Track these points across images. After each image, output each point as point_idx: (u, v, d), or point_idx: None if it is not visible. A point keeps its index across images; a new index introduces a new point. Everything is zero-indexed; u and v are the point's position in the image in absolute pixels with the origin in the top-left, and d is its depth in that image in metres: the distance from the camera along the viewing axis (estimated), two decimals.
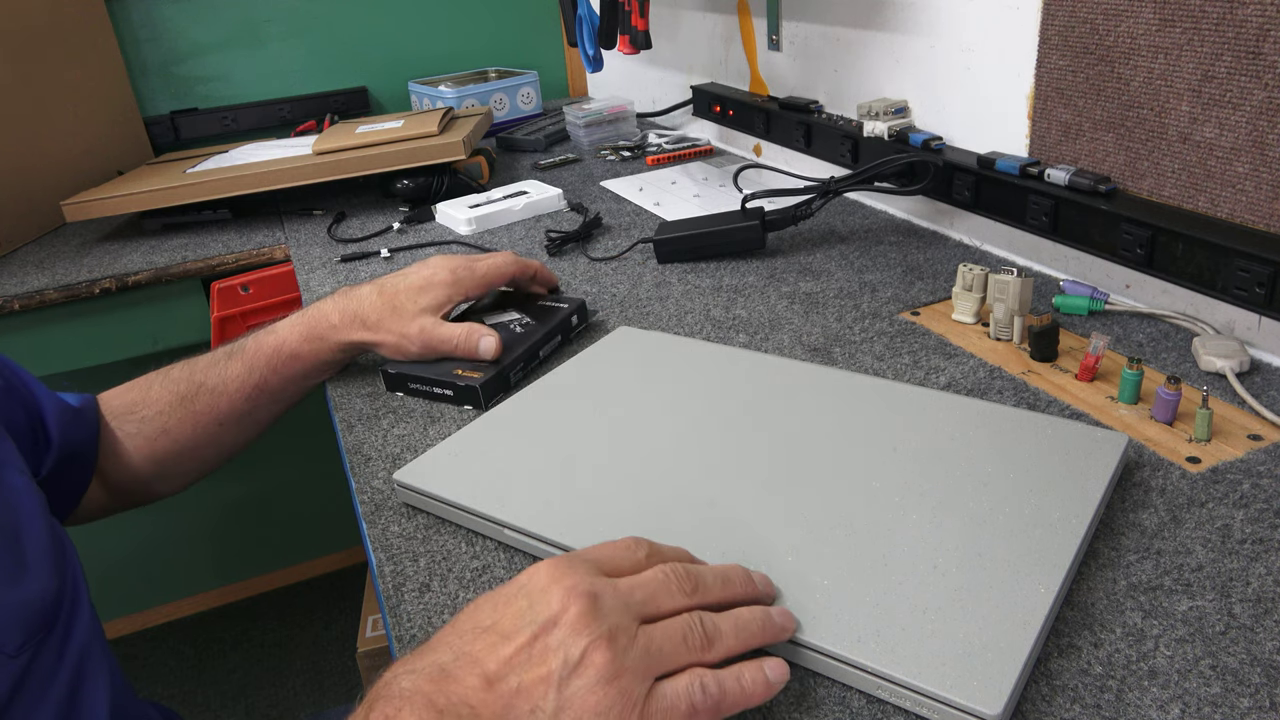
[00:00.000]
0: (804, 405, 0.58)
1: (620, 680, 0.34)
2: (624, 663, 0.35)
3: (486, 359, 0.68)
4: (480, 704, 0.34)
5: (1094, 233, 0.74)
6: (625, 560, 0.40)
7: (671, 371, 0.65)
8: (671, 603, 0.39)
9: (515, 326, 0.73)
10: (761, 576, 0.43)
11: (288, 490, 1.80)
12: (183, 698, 1.65)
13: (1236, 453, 0.54)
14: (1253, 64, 0.62)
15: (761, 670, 0.38)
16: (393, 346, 0.69)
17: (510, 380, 0.68)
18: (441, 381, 0.67)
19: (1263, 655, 0.40)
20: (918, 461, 0.52)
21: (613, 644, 0.35)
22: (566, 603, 0.35)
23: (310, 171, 1.16)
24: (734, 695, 0.37)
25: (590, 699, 0.34)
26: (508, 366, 0.67)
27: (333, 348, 0.70)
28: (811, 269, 0.87)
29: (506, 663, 0.35)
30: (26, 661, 0.46)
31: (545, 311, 0.75)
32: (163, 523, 1.68)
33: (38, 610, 0.47)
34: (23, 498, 0.51)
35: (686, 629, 0.37)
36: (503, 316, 0.75)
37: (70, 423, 0.64)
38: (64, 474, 0.64)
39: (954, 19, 0.87)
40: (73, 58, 1.40)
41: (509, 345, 0.69)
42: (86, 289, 1.12)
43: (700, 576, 0.40)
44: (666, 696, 0.35)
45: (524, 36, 1.81)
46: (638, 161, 1.32)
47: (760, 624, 0.40)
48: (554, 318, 0.74)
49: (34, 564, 0.48)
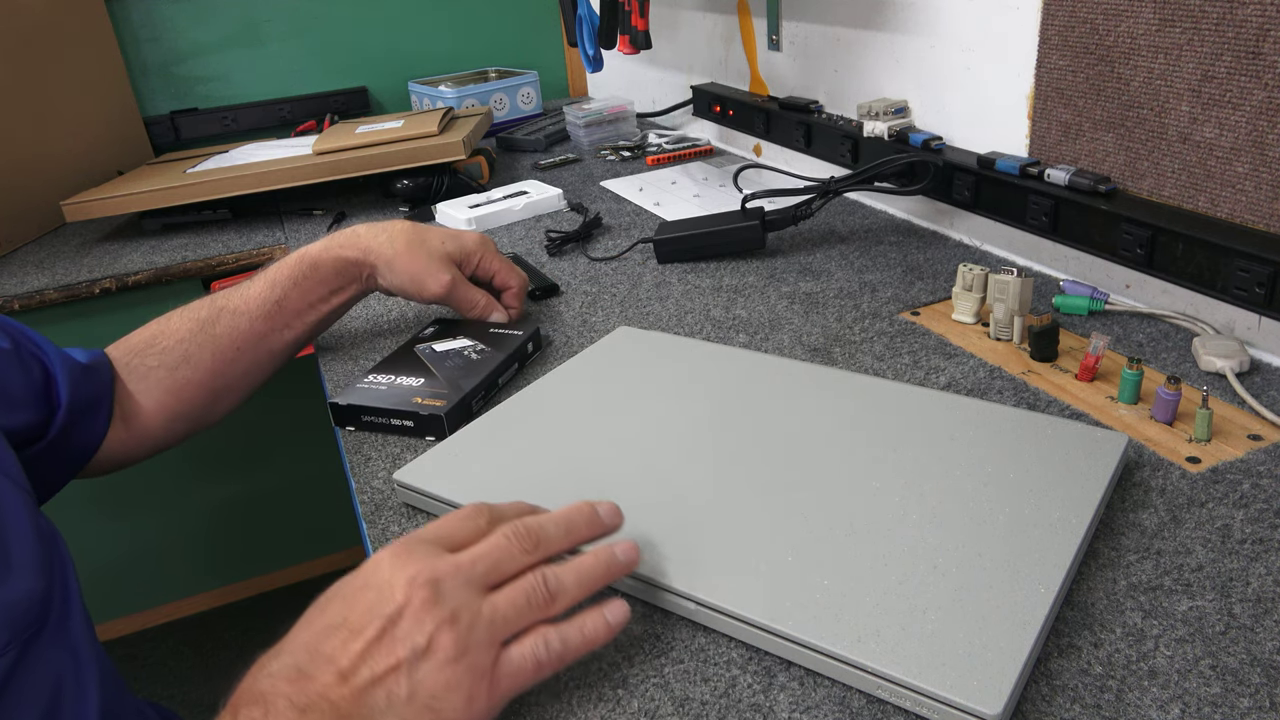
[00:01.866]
0: (804, 405, 0.58)
1: (467, 657, 0.37)
2: (469, 640, 0.37)
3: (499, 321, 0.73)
4: (339, 698, 0.36)
5: (1094, 233, 0.74)
6: (466, 531, 0.42)
7: (671, 371, 0.65)
8: (514, 564, 0.41)
9: (471, 354, 0.70)
10: (609, 507, 0.44)
11: (288, 490, 1.79)
12: (183, 698, 1.65)
13: (1236, 453, 0.54)
14: (1253, 64, 0.62)
15: (602, 616, 0.41)
16: (407, 277, 0.70)
17: (472, 409, 0.65)
18: (401, 412, 0.63)
19: (1263, 655, 0.40)
20: (918, 461, 0.52)
21: (455, 624, 0.37)
22: (410, 592, 0.37)
23: (310, 171, 1.16)
24: (576, 643, 0.40)
25: (440, 678, 0.36)
26: (469, 394, 0.65)
27: (351, 258, 0.71)
28: (811, 269, 0.87)
29: (359, 656, 0.37)
30: (12, 660, 0.45)
31: (500, 339, 0.72)
32: (162, 523, 1.68)
33: (24, 610, 0.47)
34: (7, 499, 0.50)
35: (530, 590, 0.40)
36: (454, 344, 0.72)
37: (80, 380, 0.64)
38: (76, 429, 0.64)
39: (954, 19, 0.87)
40: (73, 58, 1.40)
41: (467, 372, 0.67)
42: (86, 289, 1.12)
43: (542, 530, 0.42)
44: (513, 660, 0.38)
45: (524, 36, 1.81)
46: (638, 161, 1.32)
47: (605, 567, 0.42)
48: (510, 345, 0.71)
49: (19, 564, 0.48)
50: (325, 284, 0.72)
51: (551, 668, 0.39)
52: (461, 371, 0.67)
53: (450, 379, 0.66)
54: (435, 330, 0.75)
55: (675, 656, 0.43)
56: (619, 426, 0.59)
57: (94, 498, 1.54)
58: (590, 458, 0.56)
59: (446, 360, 0.69)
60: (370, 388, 0.66)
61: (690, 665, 0.43)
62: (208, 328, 0.69)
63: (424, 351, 0.71)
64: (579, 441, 0.58)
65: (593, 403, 0.62)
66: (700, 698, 0.41)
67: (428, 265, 0.72)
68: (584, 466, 0.55)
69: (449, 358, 0.69)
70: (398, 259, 0.71)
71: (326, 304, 0.73)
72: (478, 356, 0.69)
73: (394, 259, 0.71)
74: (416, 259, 0.71)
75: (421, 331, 0.75)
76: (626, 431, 0.58)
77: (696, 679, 0.42)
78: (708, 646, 0.44)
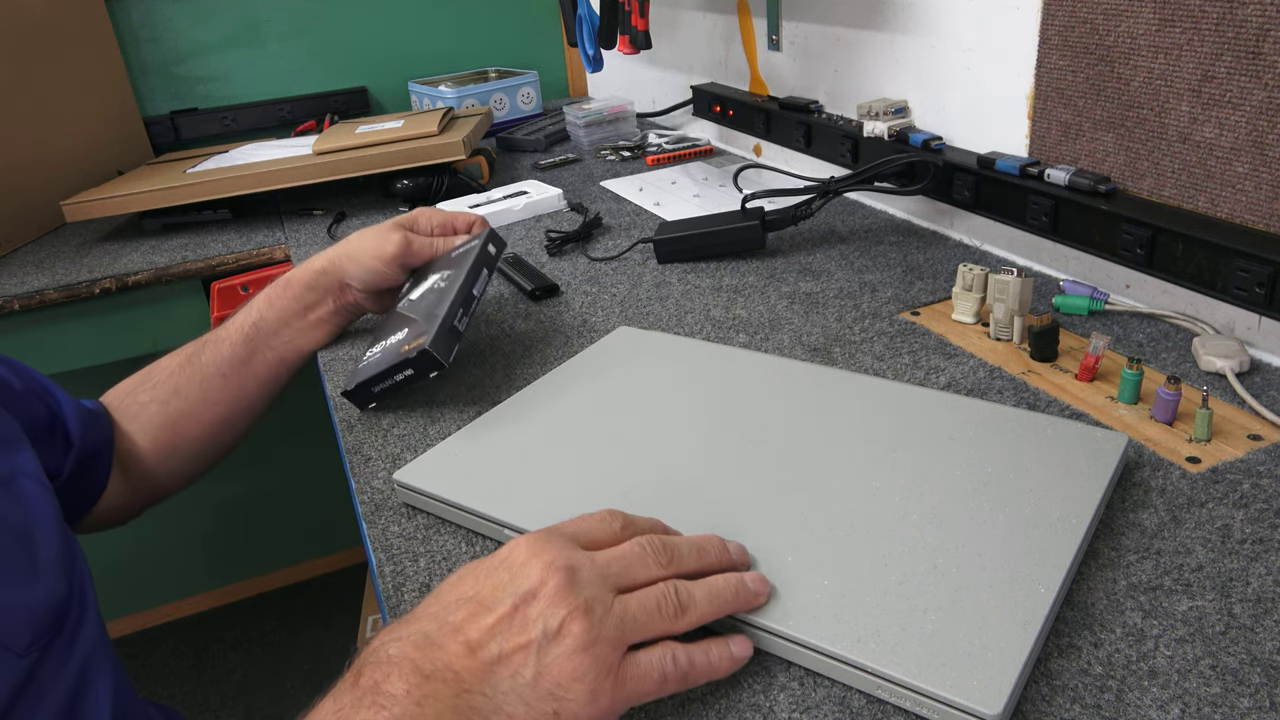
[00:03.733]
0: (804, 405, 0.58)
1: (595, 648, 0.36)
2: (600, 632, 0.37)
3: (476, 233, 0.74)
4: (464, 669, 0.36)
5: (1094, 233, 0.74)
6: (602, 533, 0.42)
7: (671, 371, 0.65)
8: (647, 573, 0.41)
9: (439, 284, 0.70)
10: (737, 546, 0.44)
11: (288, 490, 1.80)
12: (183, 698, 1.65)
13: (1236, 453, 0.54)
14: (1253, 64, 0.62)
15: (727, 646, 0.41)
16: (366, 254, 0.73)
17: (458, 329, 0.66)
18: (396, 366, 0.64)
19: (1263, 655, 0.40)
20: (918, 461, 0.52)
21: (589, 614, 0.37)
22: (545, 576, 0.37)
23: (310, 171, 1.16)
24: (702, 667, 0.39)
25: (568, 665, 0.36)
26: (446, 317, 0.65)
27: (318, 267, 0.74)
28: (811, 269, 0.87)
29: (488, 631, 0.37)
30: (33, 662, 0.46)
31: (461, 257, 0.73)
32: (163, 523, 1.68)
33: (46, 612, 0.48)
34: (37, 503, 0.51)
35: (661, 598, 0.39)
36: (425, 284, 0.72)
37: (88, 424, 0.65)
38: (83, 475, 0.65)
39: (954, 19, 0.87)
40: (73, 58, 1.40)
41: (439, 300, 0.67)
42: (86, 289, 1.12)
43: (675, 547, 0.42)
44: (640, 665, 0.38)
45: (524, 36, 1.81)
46: (638, 161, 1.32)
47: (734, 590, 0.41)
48: (469, 256, 0.71)
49: (45, 567, 0.49)
50: (298, 300, 0.74)
51: (675, 685, 0.39)
52: (435, 302, 0.68)
53: (427, 314, 0.67)
54: (409, 284, 0.76)
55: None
56: (618, 426, 0.59)
57: None
58: (590, 458, 0.56)
59: (422, 302, 0.69)
60: (368, 362, 0.67)
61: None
62: (194, 359, 0.71)
63: (404, 307, 0.71)
64: (579, 441, 0.58)
65: (592, 403, 0.62)
66: (700, 698, 0.41)
67: (379, 234, 0.74)
68: (584, 466, 0.55)
69: (424, 299, 0.69)
70: (353, 247, 0.74)
71: (302, 320, 0.74)
72: (445, 283, 0.70)
73: (351, 249, 0.74)
74: (367, 236, 0.74)
75: (399, 292, 0.76)
76: (626, 431, 0.58)
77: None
78: None
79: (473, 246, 0.73)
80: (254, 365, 0.73)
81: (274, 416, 1.41)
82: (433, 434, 0.65)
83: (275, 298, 0.74)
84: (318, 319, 0.75)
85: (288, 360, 0.75)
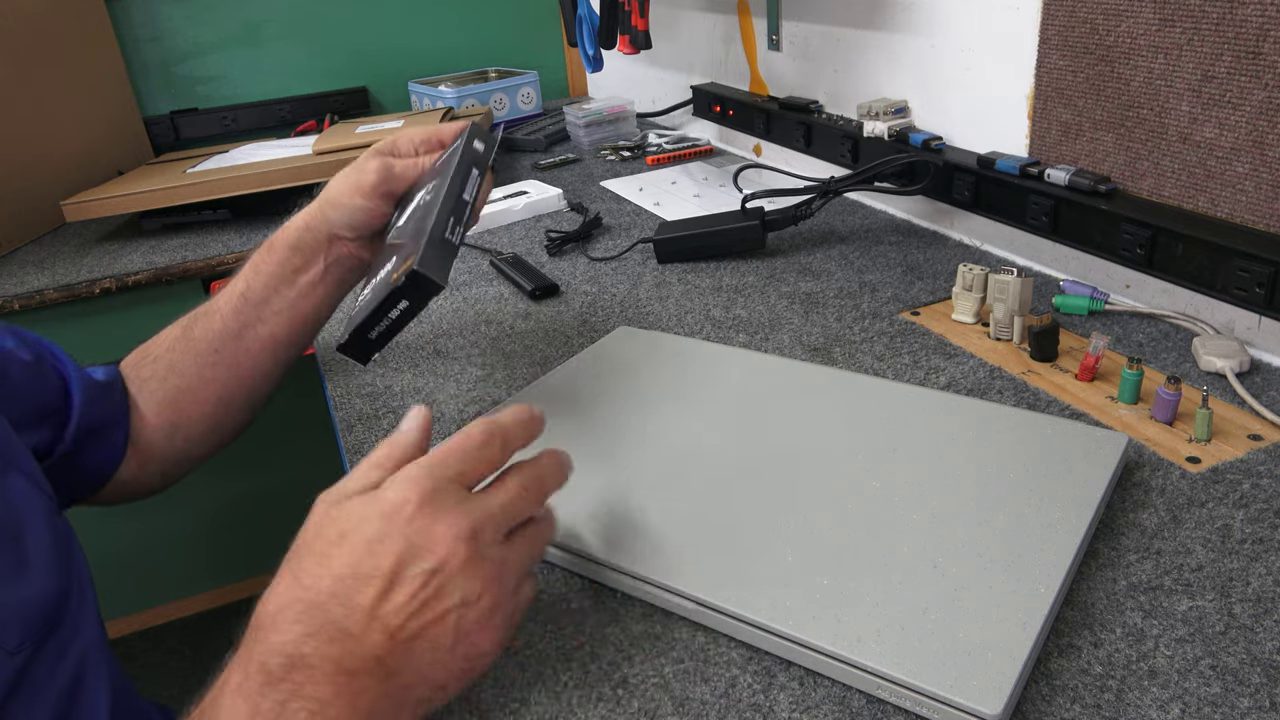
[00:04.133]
0: (804, 405, 0.58)
1: (503, 604, 0.39)
2: (504, 589, 0.40)
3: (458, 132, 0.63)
4: (386, 655, 0.37)
5: (1094, 233, 0.74)
6: (483, 463, 0.42)
7: (671, 371, 0.65)
8: (528, 513, 0.43)
9: (424, 197, 0.60)
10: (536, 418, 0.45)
11: (288, 490, 1.79)
12: (183, 698, 1.64)
13: (1236, 453, 0.54)
14: (1253, 64, 0.62)
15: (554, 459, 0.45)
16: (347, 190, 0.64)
17: (451, 241, 0.56)
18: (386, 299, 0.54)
19: (1263, 655, 0.40)
20: (918, 461, 0.52)
21: (498, 580, 0.39)
22: (453, 548, 0.38)
23: (310, 171, 1.16)
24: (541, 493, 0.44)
25: (484, 628, 0.39)
26: (434, 230, 0.55)
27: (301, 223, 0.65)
28: (811, 269, 0.87)
29: (402, 610, 0.37)
30: (25, 659, 0.46)
31: (445, 163, 0.63)
32: (162, 523, 1.68)
33: (38, 609, 0.47)
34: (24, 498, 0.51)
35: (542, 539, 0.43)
36: (411, 204, 0.62)
37: (94, 398, 0.63)
38: (91, 447, 0.63)
39: (954, 19, 0.87)
40: (73, 57, 1.40)
41: (426, 214, 0.57)
42: (86, 289, 1.12)
43: (543, 478, 0.44)
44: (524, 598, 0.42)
45: (524, 36, 1.81)
46: (638, 161, 1.32)
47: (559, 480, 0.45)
48: (453, 159, 0.61)
49: (35, 563, 0.48)
50: (284, 263, 0.65)
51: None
52: (420, 219, 0.57)
53: (413, 235, 0.57)
54: (396, 213, 0.66)
55: (675, 656, 0.43)
56: (618, 426, 0.59)
57: None
58: (589, 457, 0.56)
59: (409, 225, 0.60)
60: (359, 306, 0.58)
61: (690, 665, 0.43)
62: (187, 333, 0.67)
63: (391, 236, 0.63)
64: (578, 441, 0.58)
65: (592, 402, 0.62)
66: (700, 698, 0.41)
67: (355, 168, 0.65)
68: (583, 466, 0.55)
69: (410, 221, 0.59)
70: (332, 191, 0.65)
71: (291, 286, 0.66)
72: (430, 195, 0.60)
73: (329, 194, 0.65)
74: (348, 173, 0.65)
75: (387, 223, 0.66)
76: (625, 431, 0.58)
77: (696, 679, 0.42)
78: (708, 646, 0.44)
79: (455, 148, 0.63)
80: (246, 340, 0.66)
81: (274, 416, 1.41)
82: (432, 434, 0.64)
83: (260, 263, 0.66)
84: (309, 282, 0.66)
85: (279, 336, 0.67)
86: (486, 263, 0.97)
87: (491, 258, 0.97)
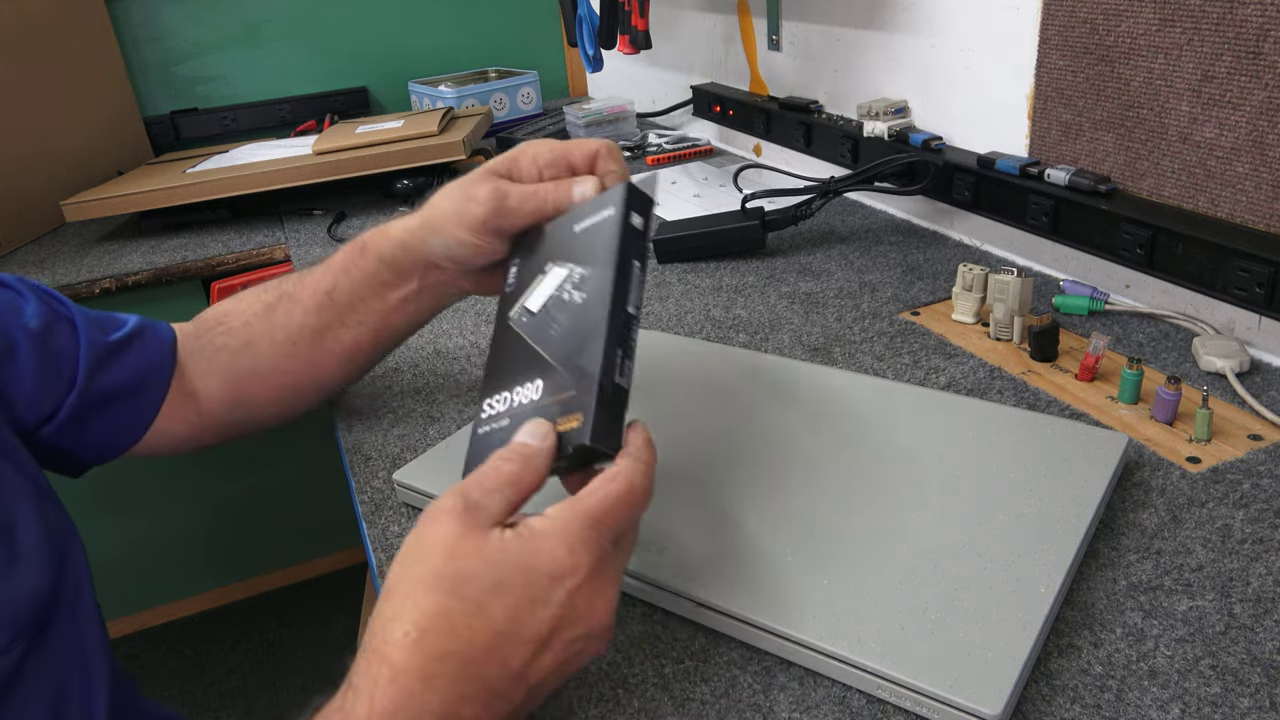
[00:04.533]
0: (804, 405, 0.58)
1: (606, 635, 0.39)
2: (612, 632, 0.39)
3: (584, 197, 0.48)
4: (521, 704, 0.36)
5: (1094, 233, 0.74)
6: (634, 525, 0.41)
7: (671, 372, 0.65)
8: None
9: (568, 292, 0.45)
10: None
11: (288, 490, 1.79)
12: (183, 698, 1.65)
13: (1236, 453, 0.54)
14: (1253, 64, 0.62)
15: None
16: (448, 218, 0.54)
17: (622, 386, 0.43)
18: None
19: (1263, 655, 0.40)
20: (918, 461, 0.52)
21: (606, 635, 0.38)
22: (607, 620, 0.37)
23: (310, 171, 1.16)
24: None
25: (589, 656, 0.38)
26: (603, 372, 0.41)
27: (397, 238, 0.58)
28: (811, 269, 0.87)
29: (545, 668, 0.36)
30: (18, 657, 0.45)
31: (591, 238, 0.46)
32: (163, 523, 1.68)
33: (29, 606, 0.46)
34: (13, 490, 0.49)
35: None
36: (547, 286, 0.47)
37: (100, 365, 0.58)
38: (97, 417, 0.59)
39: (954, 19, 0.87)
40: (73, 58, 1.40)
41: (576, 334, 0.43)
42: (86, 289, 1.12)
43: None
44: None
45: (524, 36, 1.81)
46: (638, 161, 1.32)
47: None
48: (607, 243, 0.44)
49: (26, 557, 0.47)
50: (374, 275, 0.59)
51: None
52: (571, 335, 0.44)
53: (566, 359, 0.43)
54: (518, 260, 0.51)
55: (675, 656, 0.43)
56: None
57: (92, 498, 1.54)
58: None
59: (551, 325, 0.46)
60: (491, 431, 0.45)
61: (690, 665, 0.43)
62: (268, 313, 0.61)
63: (520, 322, 0.48)
64: None
65: None
66: (700, 698, 0.41)
67: (463, 190, 0.53)
68: None
69: (551, 317, 0.46)
70: (435, 211, 0.55)
71: (381, 300, 0.59)
72: (581, 293, 0.45)
73: (432, 214, 0.56)
74: (451, 194, 0.54)
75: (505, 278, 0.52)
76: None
77: (696, 679, 0.42)
78: (708, 646, 0.44)
79: (605, 219, 0.46)
80: (326, 340, 0.60)
81: None
82: (433, 434, 0.65)
83: (350, 264, 0.59)
84: (399, 299, 0.59)
85: (362, 344, 0.61)
86: None
87: None
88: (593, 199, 0.48)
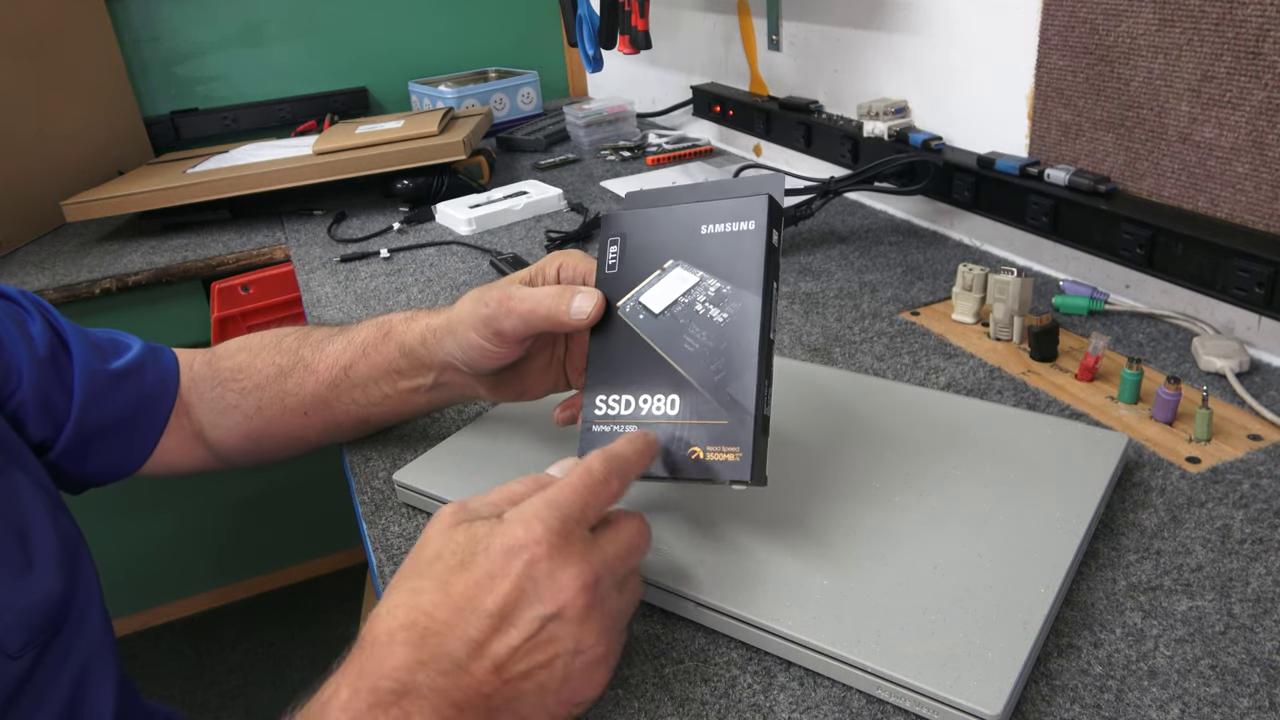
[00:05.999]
0: (804, 405, 0.58)
1: (612, 653, 0.39)
2: (615, 640, 0.39)
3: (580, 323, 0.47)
4: (492, 690, 0.36)
5: (1094, 233, 0.74)
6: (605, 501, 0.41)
7: None
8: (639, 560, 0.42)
9: (703, 304, 0.44)
10: None
11: (288, 490, 1.79)
12: (183, 698, 1.65)
13: (1236, 453, 0.54)
14: (1253, 64, 0.62)
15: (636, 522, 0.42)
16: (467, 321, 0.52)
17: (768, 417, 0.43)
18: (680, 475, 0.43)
19: (1262, 655, 0.40)
20: (918, 462, 0.52)
21: (609, 631, 0.39)
22: (574, 597, 0.37)
23: (310, 171, 1.16)
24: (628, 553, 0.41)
25: (590, 676, 0.38)
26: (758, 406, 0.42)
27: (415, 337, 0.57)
28: (811, 269, 0.87)
29: (515, 652, 0.37)
30: (29, 663, 0.45)
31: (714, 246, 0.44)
32: (163, 523, 1.68)
33: (43, 612, 0.47)
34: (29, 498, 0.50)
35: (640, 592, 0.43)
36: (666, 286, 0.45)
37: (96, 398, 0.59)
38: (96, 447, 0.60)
39: (954, 19, 0.87)
40: (73, 58, 1.40)
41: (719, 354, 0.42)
42: (86, 289, 1.12)
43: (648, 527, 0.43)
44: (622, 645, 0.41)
45: (524, 36, 1.81)
46: (638, 161, 1.32)
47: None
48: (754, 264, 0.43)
49: (41, 564, 0.48)
50: (392, 362, 0.59)
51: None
52: (715, 356, 0.42)
53: (710, 383, 0.42)
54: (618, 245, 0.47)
55: (675, 656, 0.43)
56: None
57: (92, 498, 1.54)
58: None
59: (684, 337, 0.44)
60: (610, 432, 0.44)
61: (690, 665, 0.43)
62: (282, 379, 0.62)
63: (636, 319, 0.45)
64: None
65: None
66: (700, 698, 0.41)
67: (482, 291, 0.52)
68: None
69: (681, 326, 0.44)
70: (456, 312, 0.54)
71: (393, 386, 0.59)
72: (718, 311, 0.43)
73: (453, 315, 0.54)
74: (471, 295, 0.53)
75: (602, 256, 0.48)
76: None
77: (696, 679, 0.42)
78: (708, 646, 0.44)
79: (745, 234, 0.43)
80: (336, 410, 0.62)
81: None
82: (433, 434, 0.65)
83: (370, 346, 0.59)
84: (411, 389, 0.59)
85: (371, 419, 0.63)
86: (486, 263, 0.97)
87: (491, 258, 0.97)
88: (725, 204, 0.45)
